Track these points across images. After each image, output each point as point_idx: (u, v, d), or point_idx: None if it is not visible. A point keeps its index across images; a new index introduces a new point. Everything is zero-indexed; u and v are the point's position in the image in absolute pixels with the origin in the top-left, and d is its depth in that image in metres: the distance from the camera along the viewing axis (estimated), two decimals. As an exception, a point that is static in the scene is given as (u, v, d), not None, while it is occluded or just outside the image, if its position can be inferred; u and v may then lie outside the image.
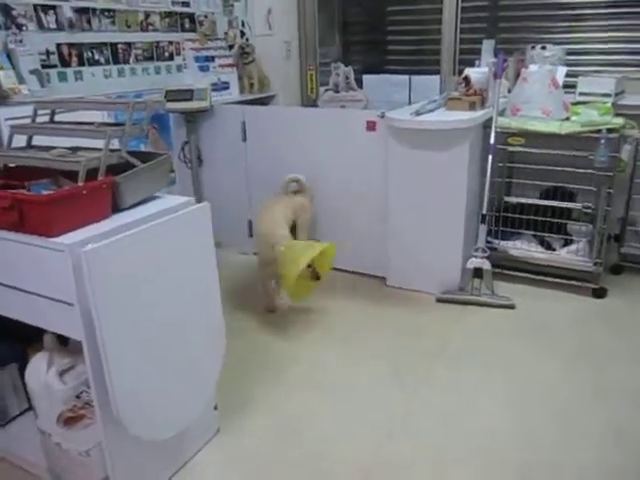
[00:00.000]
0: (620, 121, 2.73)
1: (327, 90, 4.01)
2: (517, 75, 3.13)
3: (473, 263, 2.80)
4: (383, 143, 2.86)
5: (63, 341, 1.68)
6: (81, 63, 2.84)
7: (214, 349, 1.84)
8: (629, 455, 1.85)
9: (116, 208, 1.58)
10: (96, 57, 2.91)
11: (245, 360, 2.43)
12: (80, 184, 1.47)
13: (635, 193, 3.12)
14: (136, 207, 1.64)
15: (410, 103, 3.50)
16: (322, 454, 1.89)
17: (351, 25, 4.71)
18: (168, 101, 3.19)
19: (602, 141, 2.67)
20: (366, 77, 3.98)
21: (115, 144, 1.61)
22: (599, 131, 2.72)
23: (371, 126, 2.88)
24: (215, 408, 1.99)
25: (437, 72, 4.02)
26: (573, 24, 3.83)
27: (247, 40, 3.89)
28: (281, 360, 2.44)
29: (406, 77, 3.84)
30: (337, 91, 3.97)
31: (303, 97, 4.26)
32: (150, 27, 3.18)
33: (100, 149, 1.56)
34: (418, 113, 2.69)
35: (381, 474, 1.81)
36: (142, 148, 3.27)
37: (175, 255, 1.63)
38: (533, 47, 3.38)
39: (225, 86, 3.69)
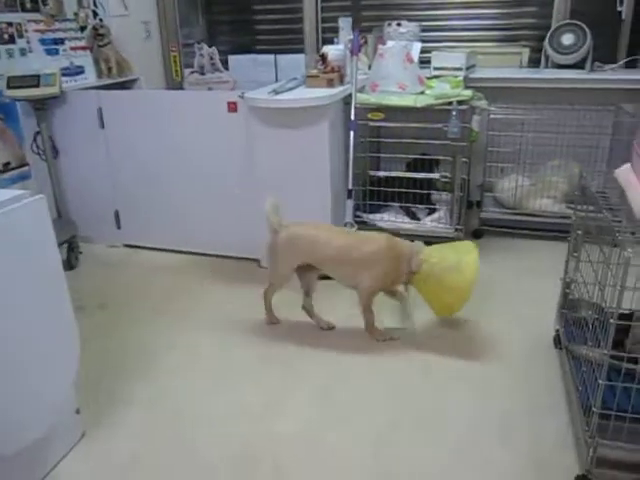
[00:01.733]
0: (469, 93, 2.88)
1: (192, 72, 3.88)
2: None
3: (342, 238, 2.84)
4: (245, 124, 2.82)
5: None
6: None
7: (66, 352, 1.73)
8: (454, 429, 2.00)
9: None
10: None
11: (116, 356, 2.33)
12: None
13: (490, 161, 3.33)
14: (-46, 206, 1.48)
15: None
16: (199, 445, 1.85)
17: (215, 4, 4.57)
18: (11, 88, 2.94)
19: (453, 112, 2.81)
20: (232, 57, 3.89)
21: None
22: (451, 103, 2.85)
23: (232, 107, 2.82)
24: (77, 412, 1.89)
25: (303, 51, 4.03)
26: (429, 1, 3.97)
27: (101, 21, 3.65)
28: (155, 352, 2.35)
29: (271, 56, 3.81)
30: (203, 73, 3.86)
31: (168, 80, 4.10)
32: (-18, 7, 2.90)
33: None
34: (276, 92, 2.68)
35: (261, 458, 1.79)
36: (-14, 141, 3.00)
37: (5, 255, 1.49)
38: (389, 24, 3.47)
39: (79, 70, 3.46)
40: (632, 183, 1.68)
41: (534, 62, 3.68)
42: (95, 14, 3.68)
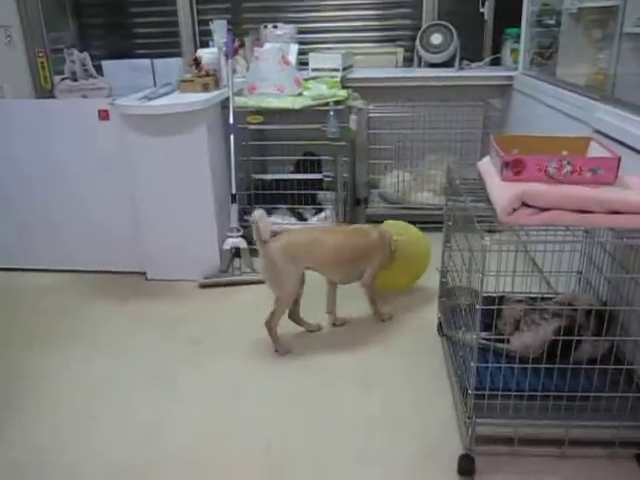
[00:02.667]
0: (344, 93, 2.94)
1: (64, 79, 3.66)
2: (255, 54, 3.19)
3: (229, 243, 2.81)
4: (119, 132, 2.71)
5: None
6: None
7: None
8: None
9: None
10: None
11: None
12: None
13: (372, 159, 3.42)
14: None
15: (155, 88, 3.37)
16: (79, 475, 1.74)
17: (86, 7, 4.36)
18: None
19: (331, 113, 2.86)
20: (105, 63, 3.71)
21: None
22: (328, 104, 2.90)
23: (104, 115, 2.70)
24: None
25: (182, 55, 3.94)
26: (308, 3, 4.01)
27: (-47, 26, 3.36)
28: (28, 380, 2.18)
29: (147, 61, 3.67)
30: (75, 79, 3.66)
31: (37, 88, 3.84)
32: None
33: None
34: (148, 98, 2.59)
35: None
36: None
37: None
38: (265, 26, 3.47)
39: None
40: (489, 173, 1.78)
41: (409, 61, 3.83)
42: (-54, 18, 3.38)
